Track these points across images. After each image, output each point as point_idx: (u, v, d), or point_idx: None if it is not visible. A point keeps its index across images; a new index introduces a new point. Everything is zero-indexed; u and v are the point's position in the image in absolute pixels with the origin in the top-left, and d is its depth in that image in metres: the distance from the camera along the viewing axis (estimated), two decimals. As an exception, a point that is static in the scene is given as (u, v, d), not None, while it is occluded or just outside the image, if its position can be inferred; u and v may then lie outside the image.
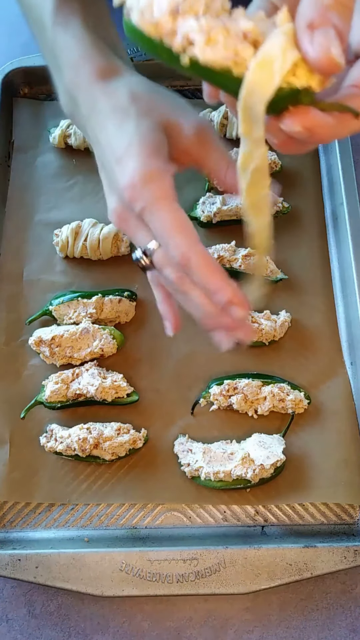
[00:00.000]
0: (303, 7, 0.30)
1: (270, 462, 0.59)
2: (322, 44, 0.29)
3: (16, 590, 0.61)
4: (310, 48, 0.30)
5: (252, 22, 0.30)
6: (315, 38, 0.30)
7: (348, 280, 0.70)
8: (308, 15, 0.30)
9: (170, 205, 0.42)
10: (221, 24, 0.30)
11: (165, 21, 0.31)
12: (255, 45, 0.30)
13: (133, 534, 0.62)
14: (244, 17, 0.30)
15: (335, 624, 0.60)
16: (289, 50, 0.30)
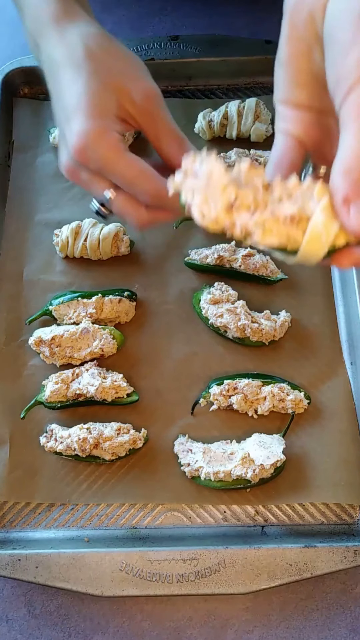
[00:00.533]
0: (336, 183, 0.34)
1: (270, 462, 0.59)
2: (358, 217, 0.34)
3: (16, 590, 0.61)
4: (349, 221, 0.34)
5: (294, 206, 0.35)
6: (351, 212, 0.34)
7: (348, 280, 0.70)
8: (342, 190, 0.34)
9: (123, 160, 0.45)
10: (269, 214, 0.35)
11: (222, 218, 0.35)
12: (300, 218, 0.35)
13: (133, 534, 0.62)
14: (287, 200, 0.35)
15: (335, 624, 0.60)
16: (331, 224, 0.35)
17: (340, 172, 0.34)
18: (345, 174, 0.34)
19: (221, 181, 0.35)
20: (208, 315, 0.68)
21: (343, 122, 0.35)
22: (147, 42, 0.83)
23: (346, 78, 0.34)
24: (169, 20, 0.91)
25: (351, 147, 0.34)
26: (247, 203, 0.35)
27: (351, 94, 0.33)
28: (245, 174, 0.36)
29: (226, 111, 0.77)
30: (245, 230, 0.36)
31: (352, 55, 0.33)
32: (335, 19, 0.35)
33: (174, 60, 0.82)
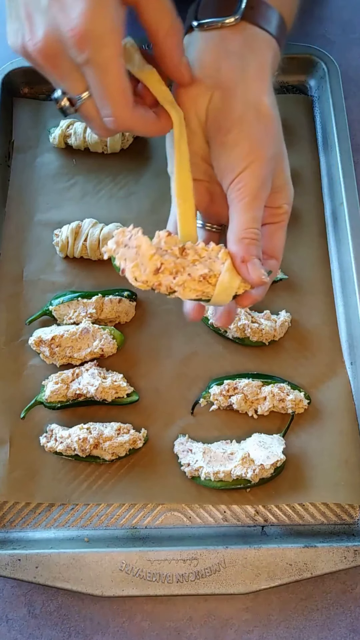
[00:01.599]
0: (233, 249, 0.45)
1: (270, 462, 0.59)
2: (255, 272, 0.45)
3: (16, 590, 0.61)
4: (248, 275, 0.45)
5: (205, 268, 0.45)
6: (249, 269, 0.45)
7: (348, 280, 0.70)
8: (239, 254, 0.45)
9: (119, 70, 0.42)
10: (187, 276, 0.45)
11: (151, 280, 0.44)
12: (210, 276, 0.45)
13: (133, 534, 0.62)
14: (199, 262, 0.45)
15: (335, 624, 0.60)
16: (234, 279, 0.45)
17: (234, 241, 0.45)
18: (239, 241, 0.45)
19: (148, 252, 0.44)
20: (208, 315, 0.68)
21: (231, 202, 0.46)
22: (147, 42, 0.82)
23: (230, 171, 0.45)
24: (169, 20, 0.91)
25: (239, 222, 0.45)
26: (169, 268, 0.44)
27: (234, 183, 0.45)
28: (165, 241, 0.45)
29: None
30: (169, 289, 0.45)
31: (232, 155, 0.44)
32: (216, 126, 0.45)
33: (174, 60, 0.82)
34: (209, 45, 0.47)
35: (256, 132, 0.45)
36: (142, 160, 0.80)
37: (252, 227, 0.45)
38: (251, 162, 0.44)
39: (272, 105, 0.46)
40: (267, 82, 0.47)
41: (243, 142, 0.44)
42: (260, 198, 0.45)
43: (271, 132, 0.46)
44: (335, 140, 0.75)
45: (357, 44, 0.89)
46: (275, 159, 0.47)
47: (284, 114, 0.49)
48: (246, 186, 0.45)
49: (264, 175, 0.45)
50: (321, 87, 0.81)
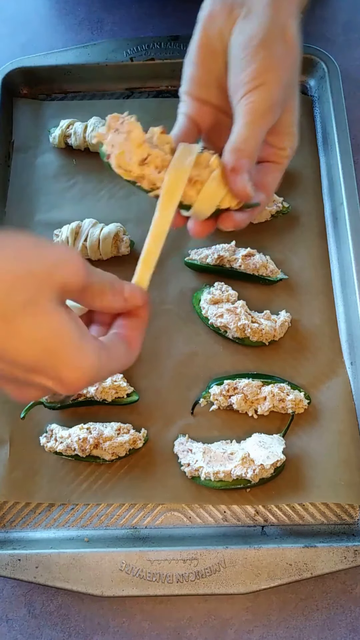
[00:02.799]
0: (227, 157, 0.44)
1: (270, 462, 0.59)
2: (243, 183, 0.44)
3: (16, 590, 0.61)
4: (235, 185, 0.44)
5: (194, 171, 0.44)
6: (237, 179, 0.44)
7: (348, 280, 0.70)
8: (231, 163, 0.44)
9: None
10: (175, 171, 0.43)
11: (135, 170, 0.43)
12: (196, 181, 0.44)
13: (133, 534, 0.62)
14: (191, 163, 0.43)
15: (335, 624, 0.60)
16: (220, 189, 0.44)
17: (230, 150, 0.44)
18: (233, 151, 0.44)
19: (138, 139, 0.42)
20: (208, 315, 0.68)
21: (236, 116, 0.45)
22: (147, 42, 0.83)
23: (243, 86, 0.44)
24: (169, 20, 0.91)
25: (240, 133, 0.44)
26: (156, 162, 0.43)
27: (244, 98, 0.44)
28: (157, 136, 0.44)
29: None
30: (151, 184, 0.44)
31: (248, 70, 0.44)
32: (240, 42, 0.45)
33: (174, 60, 0.82)
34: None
35: (277, 53, 0.44)
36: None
37: (250, 143, 0.44)
38: (266, 80, 0.43)
39: (296, 32, 0.45)
40: (294, 9, 0.46)
41: (262, 59, 0.43)
42: (266, 120, 0.44)
43: (291, 57, 0.45)
44: (335, 140, 0.75)
45: (357, 44, 0.89)
46: (289, 88, 0.45)
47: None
48: (255, 103, 0.44)
49: (276, 98, 0.44)
50: (321, 87, 0.81)
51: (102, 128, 0.44)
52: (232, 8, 0.45)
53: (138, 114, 0.85)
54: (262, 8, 0.44)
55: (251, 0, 0.45)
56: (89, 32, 0.91)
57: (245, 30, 0.45)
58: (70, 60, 0.82)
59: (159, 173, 0.43)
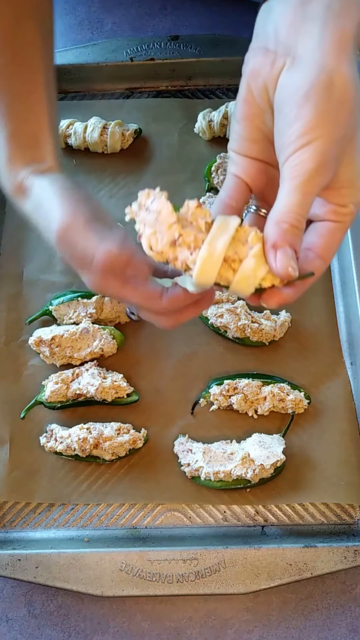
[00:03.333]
0: (269, 230, 0.40)
1: (270, 462, 0.59)
2: (283, 262, 0.39)
3: (16, 590, 0.61)
4: (275, 264, 0.40)
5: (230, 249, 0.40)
6: (278, 256, 0.40)
7: (348, 281, 0.70)
8: (272, 237, 0.40)
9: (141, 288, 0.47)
10: (208, 253, 0.39)
11: (167, 251, 0.40)
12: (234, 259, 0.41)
13: (133, 534, 0.62)
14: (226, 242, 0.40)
15: (335, 624, 0.60)
16: (259, 268, 0.40)
17: (273, 221, 0.40)
18: (277, 223, 0.40)
19: (168, 220, 0.40)
20: (208, 315, 0.68)
21: (282, 179, 0.40)
22: (147, 42, 0.83)
23: (289, 145, 0.40)
24: (169, 20, 0.91)
25: (284, 202, 0.40)
26: (188, 242, 0.40)
27: (290, 159, 0.40)
28: (192, 211, 0.41)
29: (226, 111, 0.77)
30: (185, 265, 0.41)
31: (294, 127, 0.39)
32: (284, 96, 0.40)
33: (174, 60, 0.82)
34: (288, 11, 0.41)
35: (327, 105, 0.39)
36: (142, 160, 0.80)
37: (296, 212, 0.39)
38: (315, 138, 0.38)
39: (351, 78, 0.40)
40: (348, 50, 0.40)
41: (309, 115, 0.39)
42: (315, 182, 0.39)
43: (345, 109, 0.39)
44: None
45: (357, 44, 0.89)
46: (345, 142, 0.40)
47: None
48: (302, 164, 0.39)
49: (327, 156, 0.39)
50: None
51: (135, 204, 0.42)
52: (276, 58, 0.41)
53: (138, 114, 0.85)
54: (308, 55, 0.40)
55: (296, 47, 0.40)
56: (89, 32, 0.91)
57: (290, 81, 0.40)
58: (70, 60, 0.82)
59: (191, 254, 0.40)
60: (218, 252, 0.40)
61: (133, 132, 0.78)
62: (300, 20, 0.41)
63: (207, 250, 0.40)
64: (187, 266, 0.41)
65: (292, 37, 0.41)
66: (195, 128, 0.79)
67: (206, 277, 0.41)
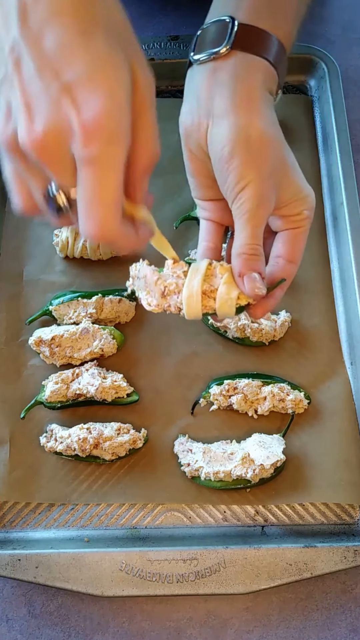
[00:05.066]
0: (233, 263, 0.48)
1: (270, 462, 0.59)
2: (250, 286, 0.47)
3: (16, 590, 0.61)
4: (244, 289, 0.48)
5: (204, 284, 0.48)
6: (245, 282, 0.47)
7: (348, 280, 0.70)
8: (237, 268, 0.48)
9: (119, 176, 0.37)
10: (188, 293, 0.48)
11: (161, 303, 0.49)
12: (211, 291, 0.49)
13: (133, 534, 0.62)
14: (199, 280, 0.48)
15: (335, 624, 0.60)
16: (231, 291, 0.48)
17: (234, 254, 0.48)
18: (238, 255, 0.47)
19: (152, 279, 0.49)
20: (208, 315, 0.68)
21: (234, 219, 0.48)
22: (147, 42, 0.83)
23: (230, 192, 0.48)
24: (169, 20, 0.91)
25: (239, 237, 0.47)
26: (172, 290, 0.49)
27: (234, 202, 0.48)
28: (170, 266, 0.49)
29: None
30: (177, 307, 0.49)
31: (230, 178, 0.47)
32: (214, 153, 0.48)
33: (174, 60, 0.82)
34: (203, 78, 0.49)
35: (249, 155, 0.46)
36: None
37: (250, 243, 0.47)
38: (247, 182, 0.46)
39: (264, 127, 0.47)
40: (257, 105, 0.48)
41: (237, 167, 0.46)
42: (258, 215, 0.47)
43: (265, 154, 0.47)
44: (335, 140, 0.75)
45: (357, 44, 0.89)
46: (275, 175, 0.48)
47: (284, 114, 0.49)
48: (244, 204, 0.47)
49: (262, 193, 0.47)
50: (321, 87, 0.81)
51: (130, 278, 0.51)
52: (200, 120, 0.49)
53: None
54: (223, 116, 0.47)
55: (213, 110, 0.48)
56: (89, 32, 0.91)
57: (215, 140, 0.48)
58: (70, 60, 0.82)
59: (178, 298, 0.49)
60: (195, 289, 0.48)
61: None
62: (214, 85, 0.48)
63: (187, 290, 0.48)
64: (179, 307, 0.49)
65: (209, 101, 0.48)
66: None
67: (193, 311, 0.49)
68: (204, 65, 0.50)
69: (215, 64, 0.49)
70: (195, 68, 0.51)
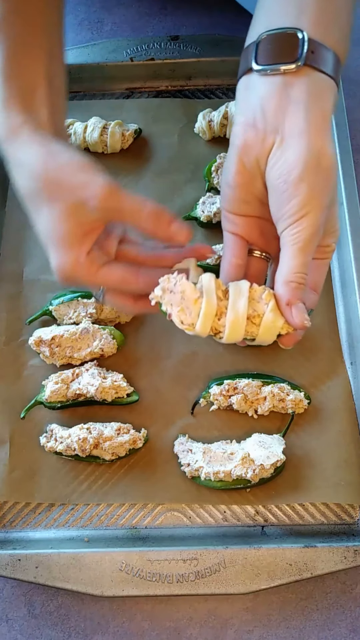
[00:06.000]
0: (280, 291, 0.47)
1: (270, 462, 0.59)
2: (299, 317, 0.47)
3: (16, 590, 0.61)
4: (292, 319, 0.47)
5: (251, 309, 0.48)
6: (293, 312, 0.47)
7: (348, 280, 0.70)
8: (285, 297, 0.47)
9: (100, 277, 0.50)
10: (234, 316, 0.47)
11: (195, 323, 0.48)
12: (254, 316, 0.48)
13: (133, 534, 0.62)
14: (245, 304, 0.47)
15: (335, 624, 0.60)
16: (277, 320, 0.48)
17: (282, 282, 0.47)
18: (286, 283, 0.47)
19: (192, 296, 0.47)
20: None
21: (284, 245, 0.47)
22: (147, 42, 0.83)
23: (288, 217, 0.47)
24: (169, 20, 0.91)
25: (288, 265, 0.47)
26: (217, 312, 0.47)
27: (289, 228, 0.47)
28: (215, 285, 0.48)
29: (226, 111, 0.77)
30: (214, 330, 0.48)
31: (292, 203, 0.46)
32: (278, 174, 0.47)
33: (174, 60, 0.82)
34: (273, 92, 0.47)
35: (316, 183, 0.46)
36: (142, 160, 0.80)
37: (301, 272, 0.46)
38: (309, 211, 0.46)
39: (332, 156, 0.47)
40: (328, 130, 0.47)
41: (303, 193, 0.45)
42: (312, 245, 0.47)
43: (330, 183, 0.47)
44: (335, 140, 0.75)
45: (357, 44, 0.89)
46: (330, 207, 0.48)
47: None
48: (301, 232, 0.46)
49: (319, 223, 0.46)
50: (321, 87, 0.81)
51: (158, 289, 0.48)
52: (265, 136, 0.47)
53: (138, 114, 0.85)
54: (297, 137, 0.46)
55: (284, 128, 0.46)
56: (89, 32, 0.91)
57: (282, 161, 0.46)
58: (70, 61, 0.82)
59: (219, 320, 0.47)
60: (241, 313, 0.47)
61: (133, 132, 0.78)
62: (286, 102, 0.46)
63: (232, 314, 0.47)
64: (217, 330, 0.48)
65: (280, 117, 0.46)
66: (195, 128, 0.79)
67: (235, 335, 0.48)
68: (270, 77, 0.47)
69: (286, 78, 0.47)
70: (258, 78, 0.48)
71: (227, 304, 0.47)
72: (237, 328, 0.47)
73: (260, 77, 0.48)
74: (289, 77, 0.47)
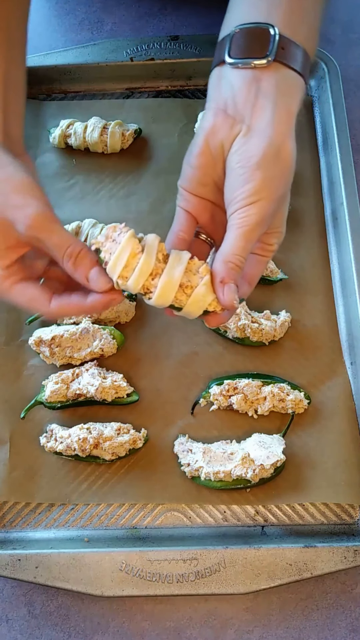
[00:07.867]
0: (217, 268, 0.48)
1: (270, 462, 0.59)
2: (229, 296, 0.48)
3: (16, 590, 0.61)
4: (222, 296, 0.48)
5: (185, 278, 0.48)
6: (225, 290, 0.48)
7: (348, 280, 0.70)
8: (220, 274, 0.48)
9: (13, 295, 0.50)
10: (168, 278, 0.47)
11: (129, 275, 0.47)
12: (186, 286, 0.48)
13: (133, 534, 0.62)
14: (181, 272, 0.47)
15: (335, 624, 0.60)
16: (208, 295, 0.48)
17: (220, 261, 0.48)
18: (224, 262, 0.47)
19: (133, 250, 0.47)
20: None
21: (229, 226, 0.48)
22: (147, 42, 0.83)
23: (239, 201, 0.48)
24: (169, 20, 0.91)
25: (231, 245, 0.48)
26: (153, 272, 0.47)
27: (238, 211, 0.48)
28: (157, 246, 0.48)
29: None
30: (145, 289, 0.48)
31: (245, 187, 0.47)
32: (238, 159, 0.48)
33: (174, 60, 0.82)
34: (244, 84, 0.49)
35: (272, 173, 0.47)
36: (142, 160, 0.80)
37: (240, 255, 0.48)
38: (260, 198, 0.47)
39: (292, 150, 0.48)
40: (292, 125, 0.49)
41: (258, 180, 0.47)
42: (256, 232, 0.48)
43: (285, 176, 0.48)
44: (335, 140, 0.75)
45: (357, 44, 0.89)
46: (281, 199, 0.49)
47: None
48: (249, 217, 0.47)
49: (267, 213, 0.48)
50: (321, 87, 0.81)
51: (101, 236, 0.48)
52: (234, 123, 0.49)
53: (138, 114, 0.85)
54: (262, 128, 0.48)
55: (252, 119, 0.48)
56: (89, 32, 0.91)
57: (245, 148, 0.48)
58: (70, 61, 0.82)
59: (152, 280, 0.48)
60: (176, 278, 0.47)
61: (133, 132, 0.78)
62: (255, 95, 0.49)
63: (167, 276, 0.47)
64: (148, 289, 0.48)
65: (249, 108, 0.48)
66: (195, 128, 0.79)
67: (164, 299, 0.48)
68: (241, 70, 0.50)
69: (257, 72, 0.49)
70: (230, 70, 0.50)
71: (164, 268, 0.48)
72: (167, 291, 0.47)
73: (232, 70, 0.50)
74: (260, 72, 0.49)
